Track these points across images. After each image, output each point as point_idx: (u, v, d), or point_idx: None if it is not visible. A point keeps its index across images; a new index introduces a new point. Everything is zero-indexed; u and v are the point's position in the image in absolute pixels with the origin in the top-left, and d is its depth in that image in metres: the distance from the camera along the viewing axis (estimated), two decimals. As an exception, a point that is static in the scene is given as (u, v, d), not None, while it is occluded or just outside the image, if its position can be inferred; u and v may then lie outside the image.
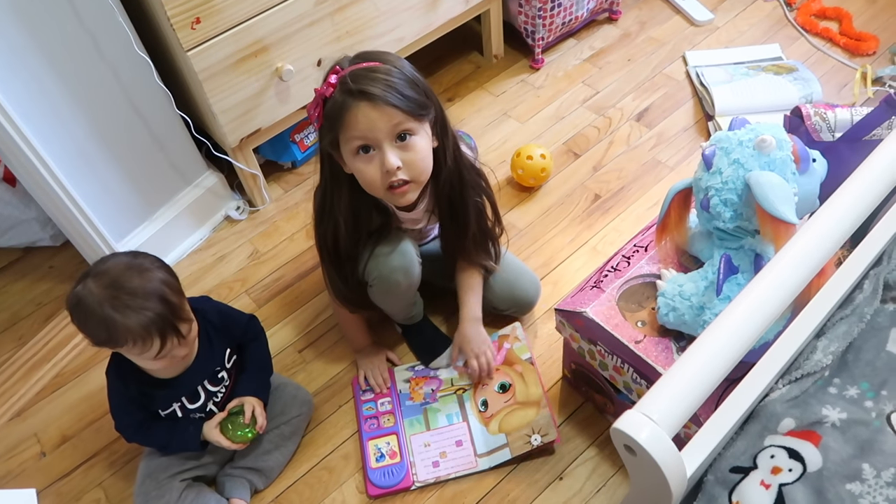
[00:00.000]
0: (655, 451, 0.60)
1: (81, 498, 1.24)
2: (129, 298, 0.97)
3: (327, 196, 1.12)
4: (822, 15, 1.95)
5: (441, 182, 1.11)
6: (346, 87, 0.96)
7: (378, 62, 0.99)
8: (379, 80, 0.96)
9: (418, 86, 1.00)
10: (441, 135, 1.07)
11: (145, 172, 1.46)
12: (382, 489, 1.18)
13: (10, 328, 1.52)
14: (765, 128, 0.93)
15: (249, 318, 1.22)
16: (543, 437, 1.20)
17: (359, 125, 0.97)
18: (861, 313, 0.87)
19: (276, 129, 1.56)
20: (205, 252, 1.60)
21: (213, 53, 1.33)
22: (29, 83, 1.20)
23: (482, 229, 1.21)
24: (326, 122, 1.00)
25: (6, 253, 1.65)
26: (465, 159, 1.15)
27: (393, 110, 0.96)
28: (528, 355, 1.31)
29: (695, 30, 1.98)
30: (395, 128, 0.99)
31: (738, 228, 0.95)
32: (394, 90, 0.96)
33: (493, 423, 1.24)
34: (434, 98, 1.04)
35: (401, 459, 1.21)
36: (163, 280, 1.01)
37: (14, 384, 1.42)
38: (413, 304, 1.30)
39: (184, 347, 1.05)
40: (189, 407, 1.15)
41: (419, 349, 1.36)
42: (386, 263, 1.15)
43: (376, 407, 1.29)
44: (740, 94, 1.70)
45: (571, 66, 1.92)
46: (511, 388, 1.28)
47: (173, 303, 1.00)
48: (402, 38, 1.62)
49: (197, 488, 1.16)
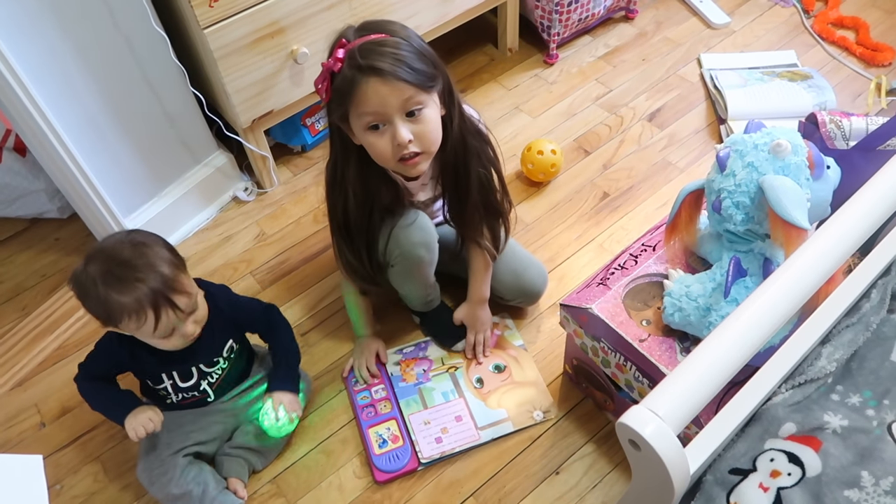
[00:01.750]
0: (660, 446, 0.60)
1: (79, 470, 1.25)
2: (121, 271, 0.98)
3: (338, 167, 1.12)
4: (839, 24, 1.94)
5: (447, 149, 1.10)
6: (356, 63, 0.94)
7: (385, 34, 0.97)
8: (388, 53, 0.94)
9: (426, 56, 0.99)
10: (448, 103, 1.06)
11: (156, 148, 1.46)
12: (389, 473, 1.19)
13: (14, 298, 1.52)
14: (781, 132, 0.93)
15: (266, 308, 1.22)
16: (545, 413, 1.23)
17: (370, 101, 0.96)
18: (867, 322, 0.87)
19: (288, 111, 1.56)
20: (211, 231, 1.60)
21: (230, 32, 1.32)
22: (43, 52, 1.20)
23: (487, 202, 1.19)
24: (336, 96, 0.99)
25: (13, 223, 1.65)
26: (471, 124, 1.13)
27: (404, 85, 0.95)
28: (521, 342, 1.35)
29: (711, 32, 1.97)
30: (406, 102, 0.98)
31: (748, 231, 0.95)
32: (403, 64, 0.94)
33: (492, 399, 1.27)
34: (441, 67, 1.02)
35: (403, 443, 1.22)
36: (157, 253, 1.02)
37: (16, 354, 1.42)
38: (432, 285, 1.30)
39: (190, 324, 1.05)
40: (181, 385, 1.15)
41: (441, 334, 1.36)
42: (407, 239, 1.15)
43: (371, 395, 1.30)
44: (754, 99, 1.69)
45: (586, 62, 1.91)
46: (507, 369, 1.31)
47: (166, 274, 1.00)
48: (418, 26, 1.61)
49: (198, 465, 1.17)
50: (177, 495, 1.13)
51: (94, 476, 1.24)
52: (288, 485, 1.21)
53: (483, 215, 1.20)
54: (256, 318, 1.21)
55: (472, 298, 1.33)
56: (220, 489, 1.15)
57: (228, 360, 1.18)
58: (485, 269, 1.29)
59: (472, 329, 1.34)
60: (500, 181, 1.20)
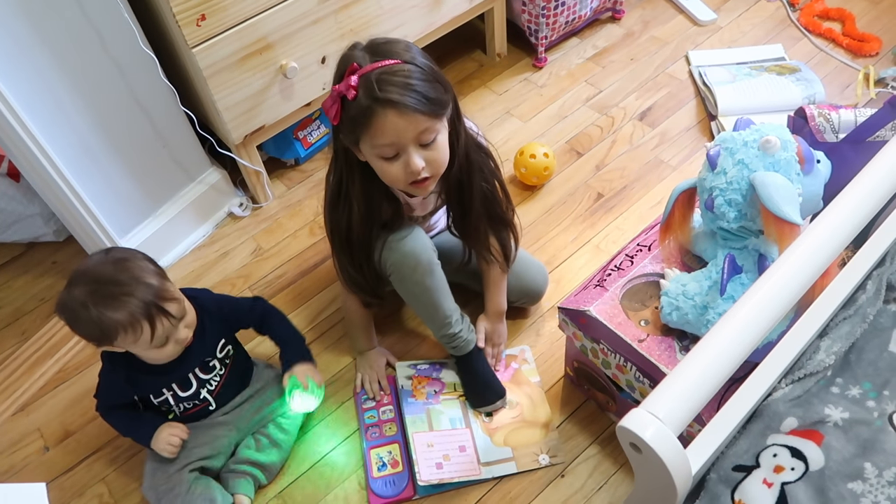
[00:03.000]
0: (661, 449, 0.61)
1: (84, 493, 1.25)
2: (108, 288, 0.99)
3: (343, 183, 1.11)
4: (825, 16, 1.95)
5: (453, 167, 1.10)
6: (373, 94, 0.93)
7: (396, 59, 0.96)
8: (404, 84, 0.93)
9: (437, 80, 0.98)
10: (454, 121, 1.06)
11: (149, 168, 1.46)
12: (384, 499, 1.18)
13: (13, 323, 1.52)
14: (770, 128, 0.94)
15: (253, 300, 1.24)
16: (552, 458, 1.20)
17: (386, 133, 0.96)
18: (864, 314, 0.87)
19: (279, 126, 1.57)
20: (208, 248, 1.61)
21: (218, 50, 1.33)
22: (33, 78, 1.21)
23: (492, 213, 1.19)
24: (348, 122, 0.98)
25: (10, 248, 1.65)
26: (472, 139, 1.13)
27: (420, 116, 0.95)
28: (537, 379, 1.31)
29: (698, 29, 1.98)
30: (422, 134, 0.98)
31: (742, 228, 0.95)
32: (419, 94, 0.94)
33: (499, 436, 1.24)
34: (449, 87, 1.02)
35: (403, 469, 1.21)
36: (139, 266, 1.03)
37: (17, 379, 1.42)
38: (446, 315, 1.23)
39: (182, 329, 1.06)
40: (181, 395, 1.16)
41: (471, 390, 1.29)
42: (399, 249, 1.15)
43: (378, 415, 1.29)
44: (743, 94, 1.70)
45: (574, 64, 1.92)
46: (518, 405, 1.28)
47: (154, 284, 1.02)
48: (405, 35, 1.62)
49: (205, 481, 1.17)
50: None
51: (99, 498, 1.24)
52: (293, 499, 1.21)
53: (489, 227, 1.21)
54: (245, 311, 1.22)
55: (489, 311, 1.33)
56: None
57: (224, 363, 1.19)
58: (499, 280, 1.29)
59: (490, 342, 1.33)
60: (503, 191, 1.21)
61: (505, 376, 1.31)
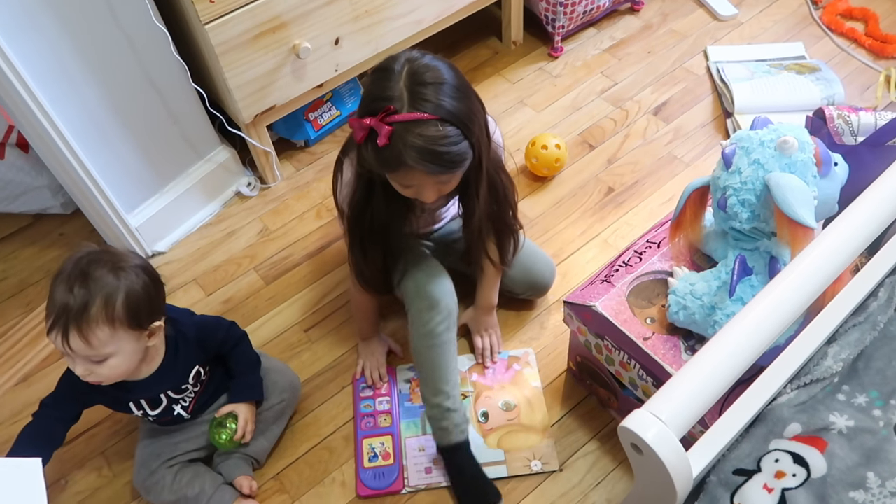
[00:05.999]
0: (662, 451, 0.60)
1: (84, 465, 1.26)
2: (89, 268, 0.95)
3: (365, 196, 1.10)
4: (848, 15, 1.92)
5: (469, 185, 1.09)
6: (403, 157, 0.93)
7: (434, 114, 0.92)
8: (435, 153, 0.94)
9: (468, 130, 0.96)
10: (479, 152, 1.02)
11: (158, 144, 1.45)
12: (372, 490, 1.18)
13: (18, 294, 1.53)
14: (787, 129, 0.92)
15: (230, 325, 1.18)
16: (544, 465, 1.19)
17: (410, 182, 1.01)
18: (874, 321, 0.86)
19: (290, 106, 1.55)
20: (214, 227, 1.60)
21: (231, 28, 1.31)
22: (44, 49, 1.20)
23: (497, 218, 1.18)
24: (375, 158, 0.96)
25: (17, 219, 1.65)
26: (495, 155, 1.13)
27: (444, 175, 0.99)
28: (538, 384, 1.30)
29: (718, 24, 1.95)
30: (443, 186, 1.03)
31: (754, 230, 0.94)
32: (448, 159, 0.95)
33: (492, 437, 1.23)
34: (478, 126, 0.99)
35: (393, 461, 1.20)
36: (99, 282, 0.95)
37: (20, 350, 1.43)
38: (444, 380, 1.17)
39: (102, 369, 0.98)
40: (150, 412, 1.12)
41: (461, 490, 1.17)
42: (423, 289, 1.18)
43: (374, 405, 1.28)
44: (761, 92, 1.67)
45: (590, 55, 1.90)
46: (516, 408, 1.27)
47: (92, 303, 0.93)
48: (421, 20, 1.60)
49: (193, 469, 1.16)
50: (172, 501, 1.13)
51: (98, 471, 1.25)
52: (290, 481, 1.21)
53: (492, 230, 1.20)
54: (223, 333, 1.16)
55: (479, 304, 1.33)
56: (215, 486, 1.15)
57: (198, 383, 1.15)
58: (494, 276, 1.29)
59: (476, 333, 1.34)
60: (513, 203, 1.20)
61: (505, 378, 1.30)
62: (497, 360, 1.32)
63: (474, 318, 1.34)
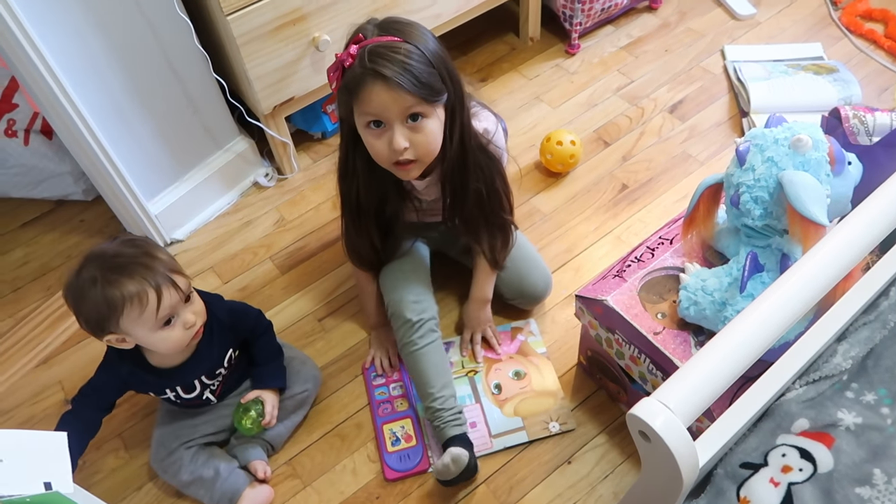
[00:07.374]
0: (670, 438, 0.61)
1: (101, 446, 1.28)
2: (118, 262, 0.99)
3: (349, 155, 1.14)
4: (867, 16, 1.91)
5: (445, 161, 1.11)
6: (364, 64, 0.96)
7: (401, 38, 0.97)
8: (397, 61, 0.95)
9: (437, 69, 0.98)
10: (451, 117, 1.05)
11: (179, 133, 1.48)
12: (399, 472, 1.20)
13: (40, 278, 1.56)
14: (802, 127, 0.92)
15: (258, 314, 1.23)
16: (562, 425, 1.21)
17: (371, 103, 0.98)
18: (885, 320, 0.86)
19: (309, 98, 1.57)
20: (232, 216, 1.62)
21: (252, 19, 1.33)
22: (70, 36, 1.22)
23: (486, 215, 1.19)
24: (343, 89, 1.01)
25: (39, 204, 1.68)
26: (477, 140, 1.12)
27: (406, 94, 0.96)
28: (544, 350, 1.32)
29: (736, 24, 1.94)
30: (407, 110, 0.99)
31: (766, 227, 0.94)
32: (410, 74, 0.95)
33: (508, 406, 1.25)
34: (452, 80, 1.02)
35: (416, 443, 1.23)
36: (149, 243, 1.04)
37: (41, 332, 1.46)
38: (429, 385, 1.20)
39: (189, 313, 1.04)
40: (184, 396, 1.16)
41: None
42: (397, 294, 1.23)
43: (388, 391, 1.30)
44: (777, 92, 1.67)
45: (607, 53, 1.90)
46: (526, 376, 1.29)
47: (162, 258, 1.02)
48: (439, 14, 1.61)
49: (209, 451, 1.19)
50: (188, 482, 1.16)
51: (115, 453, 1.28)
52: (303, 467, 1.23)
53: (482, 225, 1.21)
54: (253, 320, 1.21)
55: (472, 297, 1.33)
56: (230, 470, 1.17)
57: (228, 368, 1.19)
58: (487, 270, 1.29)
59: (469, 328, 1.34)
60: (506, 196, 1.20)
61: (511, 348, 1.33)
62: (500, 353, 1.33)
63: (468, 312, 1.34)
